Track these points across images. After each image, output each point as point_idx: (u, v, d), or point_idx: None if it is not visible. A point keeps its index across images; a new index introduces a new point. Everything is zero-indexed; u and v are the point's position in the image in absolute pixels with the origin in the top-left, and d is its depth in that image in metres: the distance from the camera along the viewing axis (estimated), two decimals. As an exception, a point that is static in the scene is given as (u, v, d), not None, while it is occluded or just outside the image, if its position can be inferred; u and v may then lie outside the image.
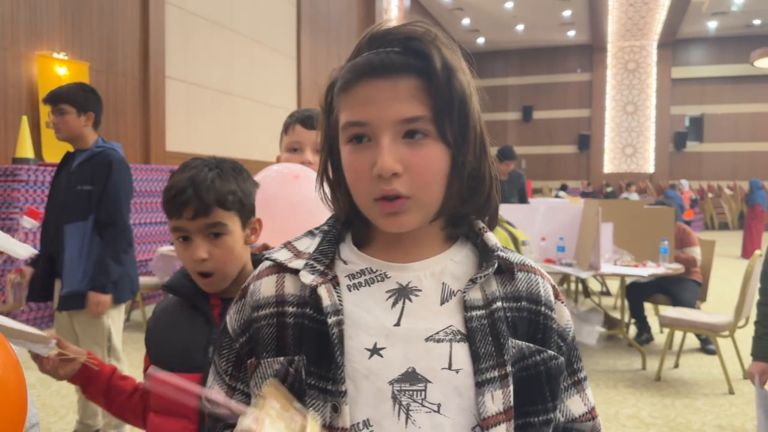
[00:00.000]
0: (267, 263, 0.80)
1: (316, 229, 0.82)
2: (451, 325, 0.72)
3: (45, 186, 5.70)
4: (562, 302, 0.81)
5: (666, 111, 21.61)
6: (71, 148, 2.90)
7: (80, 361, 1.32)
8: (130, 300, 6.27)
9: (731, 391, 4.00)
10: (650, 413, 3.65)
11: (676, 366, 4.56)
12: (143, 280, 6.04)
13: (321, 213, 0.89)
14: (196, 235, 1.20)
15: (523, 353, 0.73)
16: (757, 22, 18.98)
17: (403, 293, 0.73)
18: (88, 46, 7.12)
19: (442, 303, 0.73)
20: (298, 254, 0.78)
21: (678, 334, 4.71)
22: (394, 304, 0.73)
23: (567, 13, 19.14)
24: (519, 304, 0.76)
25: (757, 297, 2.29)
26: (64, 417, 3.51)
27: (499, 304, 0.74)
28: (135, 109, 7.80)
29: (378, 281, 0.75)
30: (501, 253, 0.76)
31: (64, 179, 2.83)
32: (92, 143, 2.85)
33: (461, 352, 0.71)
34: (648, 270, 4.70)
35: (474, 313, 0.72)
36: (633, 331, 5.42)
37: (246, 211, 1.26)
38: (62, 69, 6.63)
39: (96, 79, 7.14)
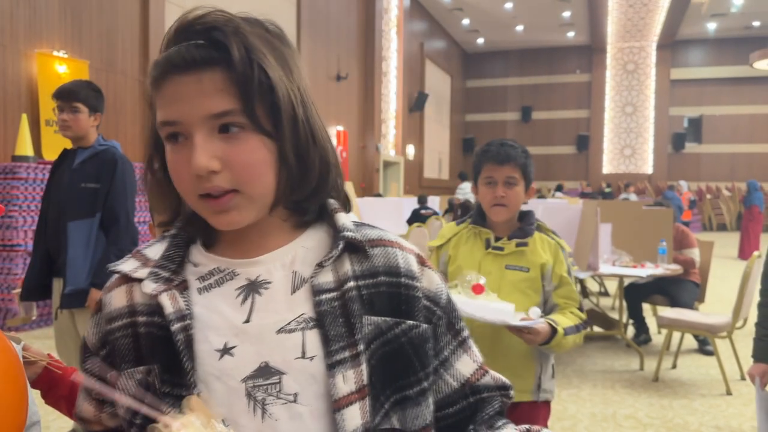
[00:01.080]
0: (115, 275, 0.78)
1: (167, 233, 0.79)
2: (303, 314, 0.71)
3: (44, 184, 5.69)
4: (430, 268, 0.79)
5: (665, 112, 21.65)
6: (70, 145, 2.90)
7: (42, 365, 1.26)
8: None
9: (729, 392, 4.01)
10: (648, 414, 3.66)
11: (674, 367, 4.57)
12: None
13: None
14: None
15: (381, 329, 0.72)
16: (756, 23, 19.01)
17: (251, 288, 0.72)
18: (87, 44, 7.12)
19: (293, 292, 0.72)
20: (145, 262, 0.76)
21: (676, 335, 4.72)
22: (244, 300, 0.72)
23: (566, 13, 19.16)
24: (376, 279, 0.74)
25: (757, 298, 2.29)
26: (63, 415, 3.51)
27: (351, 283, 0.72)
28: (135, 107, 7.80)
29: (227, 280, 0.73)
30: (349, 233, 0.74)
31: (66, 176, 2.83)
32: (93, 141, 2.86)
33: (313, 339, 0.70)
34: (646, 271, 4.71)
35: (324, 296, 0.71)
36: (631, 331, 5.43)
37: None
38: (62, 67, 6.63)
39: (96, 77, 7.14)
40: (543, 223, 2.00)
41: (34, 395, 1.28)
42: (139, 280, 0.74)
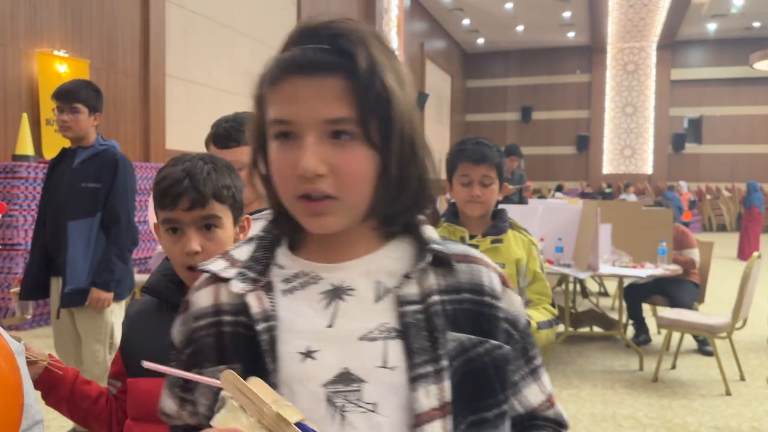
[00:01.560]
0: (204, 275, 0.79)
1: (255, 235, 0.81)
2: (385, 323, 0.70)
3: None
4: (512, 290, 0.79)
5: (665, 112, 21.64)
6: (69, 145, 2.91)
7: (42, 365, 1.24)
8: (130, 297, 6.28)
9: (728, 393, 4.01)
10: (647, 414, 3.67)
11: (674, 367, 4.57)
12: (143, 278, 6.05)
13: None
14: (188, 227, 1.17)
15: (465, 346, 0.71)
16: (756, 24, 19.01)
17: (336, 294, 0.73)
18: (88, 43, 7.12)
19: (377, 301, 0.72)
20: (233, 263, 0.77)
21: (675, 335, 4.72)
22: (327, 305, 0.72)
23: (567, 14, 19.16)
24: (461, 295, 0.74)
25: (756, 299, 2.30)
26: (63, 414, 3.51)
27: (436, 297, 0.72)
28: (135, 106, 7.81)
29: (312, 284, 0.74)
30: (436, 246, 0.74)
31: (66, 176, 2.83)
32: (93, 141, 2.86)
33: (396, 349, 0.69)
34: (646, 271, 4.72)
35: (408, 308, 0.71)
36: (631, 332, 5.44)
37: (238, 207, 1.24)
38: (63, 66, 6.63)
39: (96, 77, 7.14)
40: (515, 221, 2.07)
41: (37, 394, 1.28)
42: (227, 280, 0.75)
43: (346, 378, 0.69)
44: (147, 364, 0.69)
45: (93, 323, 2.82)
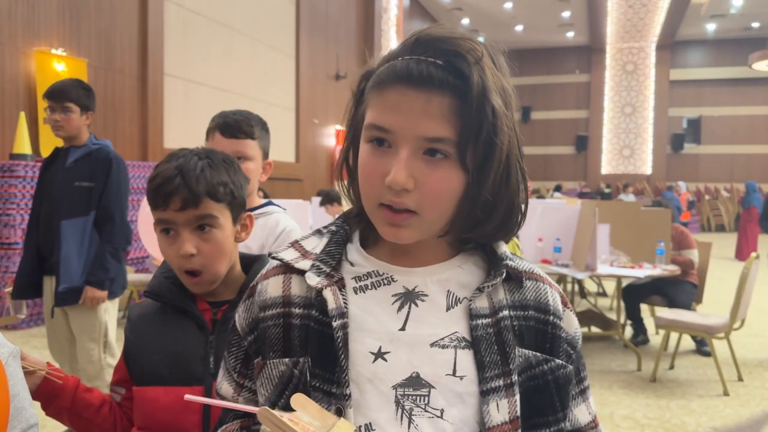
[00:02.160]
0: (274, 262, 0.79)
1: (325, 228, 0.81)
2: (456, 332, 0.71)
3: (42, 182, 5.69)
4: (571, 310, 0.80)
5: (664, 113, 21.65)
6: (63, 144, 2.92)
7: (41, 375, 1.17)
8: (126, 295, 6.27)
9: (726, 393, 4.01)
10: (645, 414, 3.66)
11: (672, 367, 4.56)
12: (140, 277, 6.04)
13: None
14: (183, 227, 1.10)
15: (530, 362, 0.72)
16: (755, 24, 19.02)
17: (409, 297, 0.73)
18: (86, 42, 7.11)
19: (448, 309, 0.73)
20: (305, 254, 0.77)
21: (673, 336, 4.72)
22: (400, 308, 0.72)
23: (566, 14, 19.16)
24: (527, 312, 0.75)
25: (754, 300, 2.29)
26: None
27: (505, 312, 0.73)
28: (133, 105, 7.79)
29: (384, 284, 0.74)
30: (510, 262, 0.75)
31: (60, 175, 2.83)
32: (86, 140, 2.87)
33: (466, 359, 0.70)
34: (644, 271, 4.71)
35: (480, 321, 0.71)
36: (629, 332, 5.43)
37: (237, 205, 1.17)
38: (60, 65, 6.61)
39: (94, 76, 7.13)
40: None
41: (36, 403, 1.24)
42: (300, 272, 0.75)
43: (415, 382, 0.69)
44: (189, 398, 0.68)
45: (87, 322, 2.82)
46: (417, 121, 0.67)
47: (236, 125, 1.68)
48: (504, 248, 0.77)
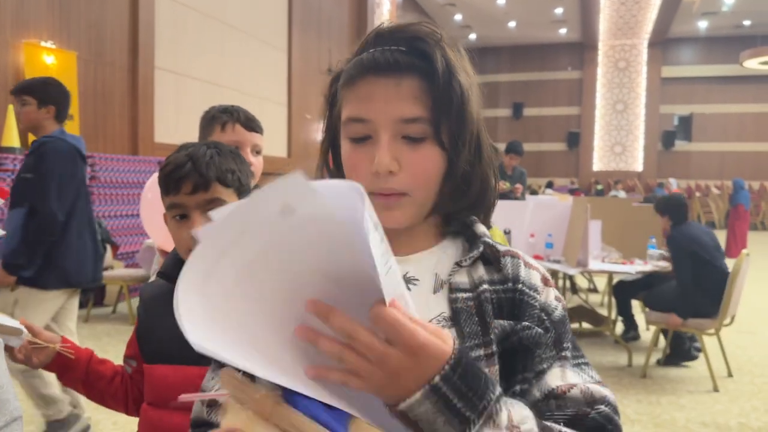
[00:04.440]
0: None
1: None
2: (442, 312, 0.73)
3: (31, 176, 5.64)
4: (552, 288, 0.80)
5: (655, 110, 21.73)
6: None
7: (54, 350, 1.27)
8: (115, 290, 6.23)
9: (716, 389, 4.03)
10: (636, 410, 3.68)
11: (662, 363, 4.58)
12: (130, 272, 6.00)
13: None
14: (194, 211, 1.17)
15: (507, 332, 0.74)
16: (747, 22, 19.10)
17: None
18: (76, 35, 7.04)
19: (435, 292, 0.75)
20: None
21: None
22: None
23: (559, 10, 19.17)
24: (505, 286, 0.77)
25: (744, 297, 2.29)
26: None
27: (486, 286, 0.75)
28: (123, 99, 7.73)
29: None
30: (488, 239, 0.79)
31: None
32: (50, 133, 2.94)
33: None
34: (635, 267, 4.73)
35: (460, 295, 0.74)
36: (620, 328, 5.45)
37: (244, 192, 1.24)
38: (50, 58, 6.55)
39: (84, 69, 7.06)
40: None
41: (17, 389, 1.26)
42: None
43: None
44: (183, 398, 0.67)
45: (1, 300, 2.92)
46: (391, 105, 0.70)
47: (255, 120, 1.79)
48: (483, 229, 0.80)
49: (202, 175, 1.16)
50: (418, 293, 0.74)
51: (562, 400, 0.74)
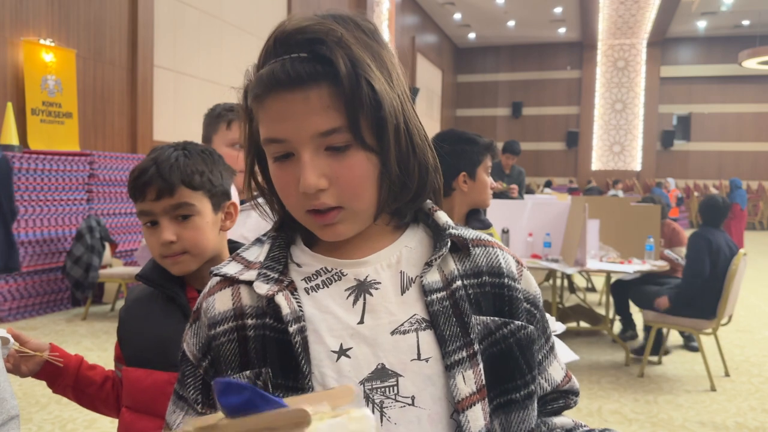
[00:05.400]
0: (216, 279, 0.76)
1: (264, 235, 0.78)
2: (414, 314, 0.70)
3: (30, 173, 5.64)
4: (526, 269, 0.79)
5: (654, 109, 21.74)
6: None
7: (43, 357, 1.24)
8: (114, 288, 6.22)
9: (713, 388, 4.04)
10: (633, 409, 3.69)
11: (660, 363, 4.60)
12: (128, 270, 6.00)
13: None
14: (162, 217, 1.14)
15: (490, 329, 0.72)
16: (745, 22, 19.11)
17: (362, 289, 0.71)
18: (75, 32, 7.04)
19: (403, 292, 0.71)
20: (248, 265, 0.74)
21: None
22: (355, 301, 0.71)
23: (558, 10, 19.17)
24: (480, 279, 0.74)
25: (742, 296, 2.31)
26: (46, 407, 3.48)
27: (459, 282, 0.72)
28: (122, 97, 7.73)
29: (336, 280, 0.72)
30: (453, 231, 0.75)
31: None
32: None
33: (428, 340, 0.69)
34: (633, 267, 4.74)
35: (434, 296, 0.70)
36: (617, 327, 5.46)
37: (217, 193, 1.20)
38: (49, 56, 6.54)
39: (83, 67, 7.06)
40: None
41: (15, 387, 1.26)
42: (247, 282, 0.72)
43: (382, 373, 0.68)
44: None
45: None
46: (304, 121, 0.65)
47: None
48: (445, 219, 0.76)
49: (166, 179, 1.12)
50: (382, 298, 0.71)
51: (563, 393, 0.82)
